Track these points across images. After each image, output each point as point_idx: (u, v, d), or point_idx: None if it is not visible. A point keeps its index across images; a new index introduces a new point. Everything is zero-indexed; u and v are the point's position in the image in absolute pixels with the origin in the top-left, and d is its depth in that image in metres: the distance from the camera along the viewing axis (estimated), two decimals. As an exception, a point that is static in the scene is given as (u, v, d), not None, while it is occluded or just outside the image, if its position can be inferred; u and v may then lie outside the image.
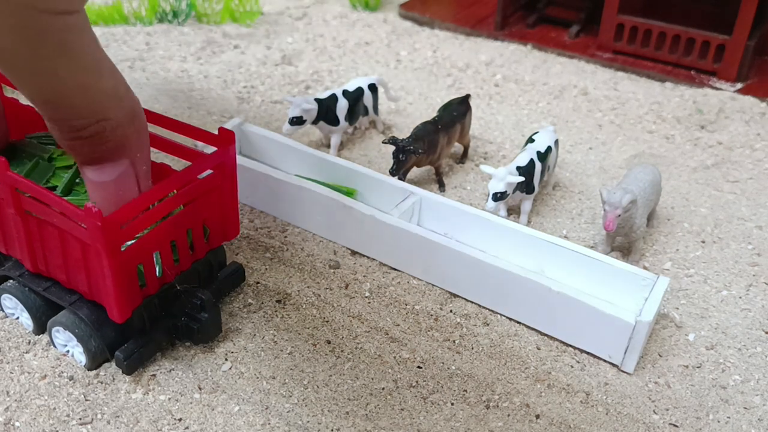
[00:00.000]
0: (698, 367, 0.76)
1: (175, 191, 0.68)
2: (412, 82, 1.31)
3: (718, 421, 0.71)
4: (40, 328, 0.73)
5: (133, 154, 0.63)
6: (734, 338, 0.80)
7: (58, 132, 0.61)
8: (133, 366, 0.70)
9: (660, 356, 0.77)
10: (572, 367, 0.76)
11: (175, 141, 0.76)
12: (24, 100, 0.83)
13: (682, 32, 1.34)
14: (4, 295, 0.74)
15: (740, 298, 0.86)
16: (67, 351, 0.72)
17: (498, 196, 0.88)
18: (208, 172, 0.71)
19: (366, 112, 1.10)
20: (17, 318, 0.76)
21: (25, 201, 0.65)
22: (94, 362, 0.70)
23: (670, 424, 0.70)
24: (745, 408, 0.72)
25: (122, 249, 0.63)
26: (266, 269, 0.86)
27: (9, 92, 0.97)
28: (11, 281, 0.74)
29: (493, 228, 0.87)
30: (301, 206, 0.91)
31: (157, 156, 0.94)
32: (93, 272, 0.65)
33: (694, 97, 1.27)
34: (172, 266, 0.70)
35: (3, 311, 0.76)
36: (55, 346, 0.73)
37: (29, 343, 0.74)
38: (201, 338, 0.73)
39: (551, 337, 0.79)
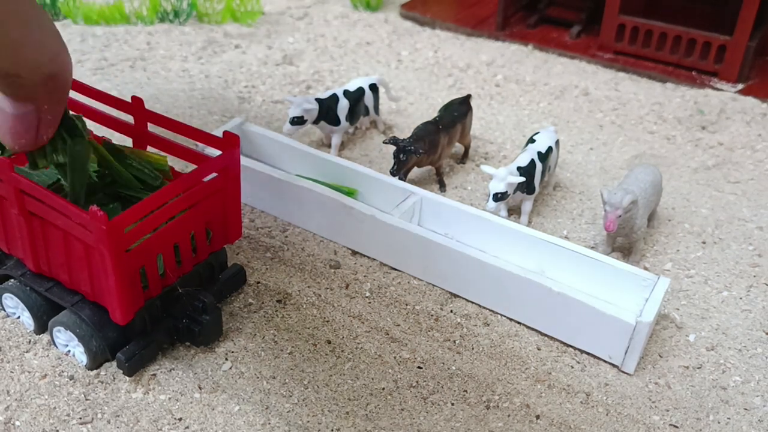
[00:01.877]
0: (699, 368, 0.76)
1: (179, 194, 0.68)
2: (413, 82, 1.31)
3: (719, 422, 0.71)
4: (41, 327, 0.73)
5: (40, 105, 0.59)
6: (735, 339, 0.80)
7: None
8: (134, 368, 0.70)
9: (660, 357, 0.77)
10: (572, 367, 0.76)
11: (178, 143, 0.76)
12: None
13: (683, 33, 1.34)
14: (6, 295, 0.74)
15: (741, 299, 0.86)
16: (68, 351, 0.72)
17: (499, 197, 0.88)
18: (213, 175, 0.71)
19: (367, 112, 1.10)
20: (18, 317, 0.76)
21: (28, 202, 0.65)
22: (95, 362, 0.70)
23: (671, 424, 0.70)
24: (746, 409, 0.72)
25: (126, 251, 0.63)
26: (267, 269, 0.86)
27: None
28: (13, 281, 0.74)
29: (494, 228, 0.87)
30: (301, 206, 0.91)
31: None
32: (96, 274, 0.65)
33: (695, 98, 1.27)
34: (174, 268, 0.70)
35: (4, 310, 0.76)
36: (55, 346, 0.73)
37: (30, 342, 0.74)
38: (202, 341, 0.73)
39: (552, 338, 0.79)
